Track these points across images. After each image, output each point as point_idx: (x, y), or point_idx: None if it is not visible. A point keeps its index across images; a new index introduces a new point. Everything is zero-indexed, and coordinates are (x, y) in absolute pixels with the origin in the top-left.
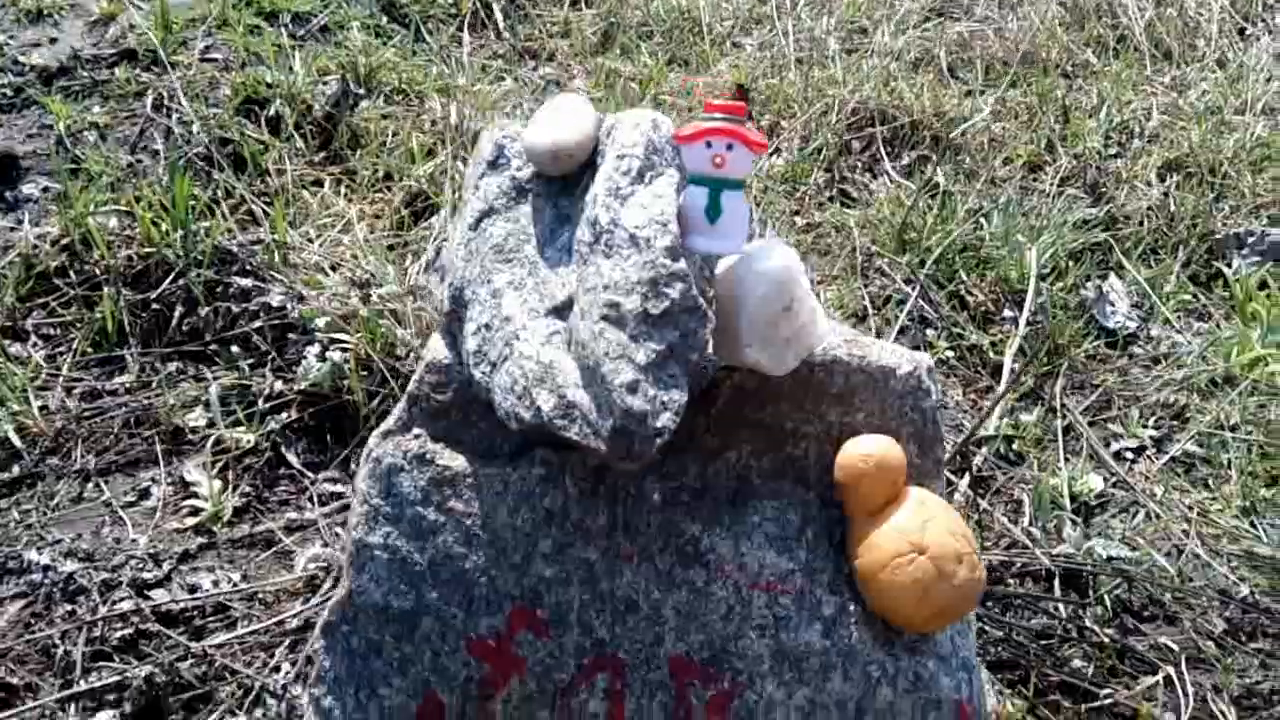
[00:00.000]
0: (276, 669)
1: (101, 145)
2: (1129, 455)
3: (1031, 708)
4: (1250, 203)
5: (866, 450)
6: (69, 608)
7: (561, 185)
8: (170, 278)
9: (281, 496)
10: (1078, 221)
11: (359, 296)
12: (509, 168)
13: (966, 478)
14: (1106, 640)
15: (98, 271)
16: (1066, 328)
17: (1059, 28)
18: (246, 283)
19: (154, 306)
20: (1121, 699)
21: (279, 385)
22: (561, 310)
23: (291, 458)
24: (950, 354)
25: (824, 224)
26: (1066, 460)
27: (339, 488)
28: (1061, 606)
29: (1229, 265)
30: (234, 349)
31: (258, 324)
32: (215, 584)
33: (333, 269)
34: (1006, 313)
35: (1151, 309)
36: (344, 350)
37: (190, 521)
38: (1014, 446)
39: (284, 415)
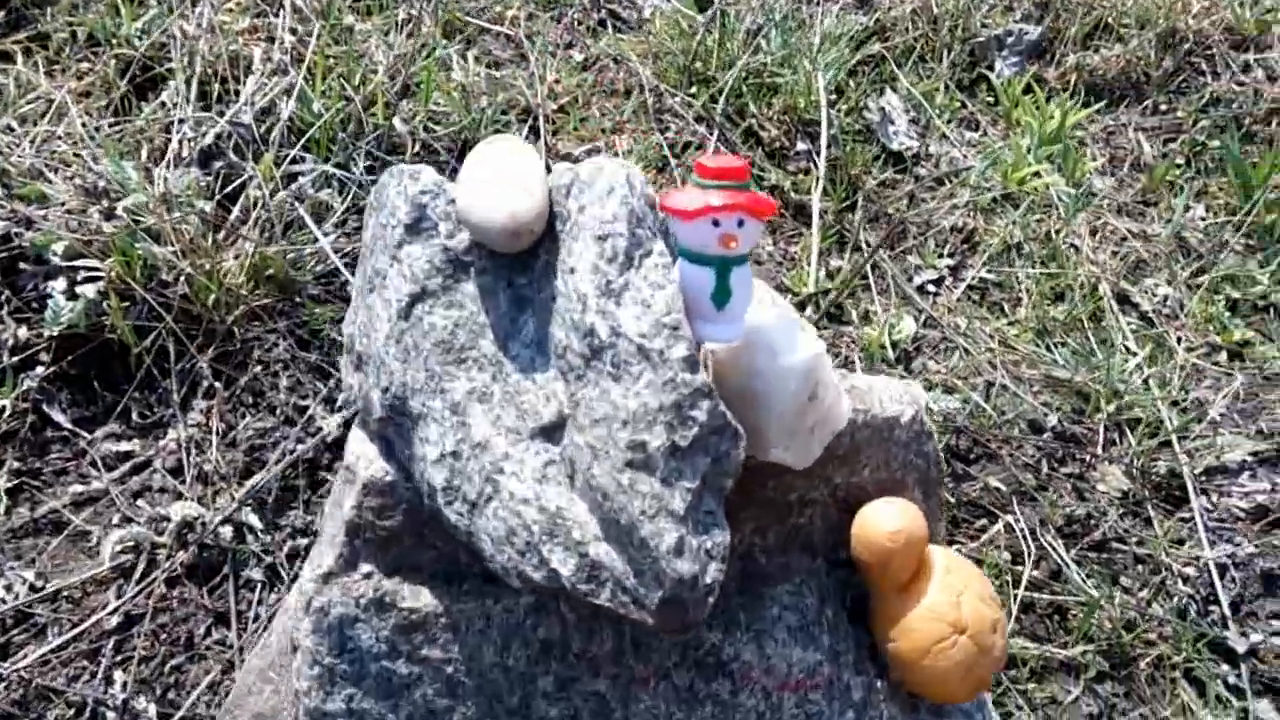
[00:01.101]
0: (108, 679)
1: None
2: (931, 288)
3: None
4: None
5: (893, 527)
6: None
7: (511, 258)
8: None
9: (57, 466)
10: (851, 33)
11: (100, 211)
12: (437, 234)
13: None
14: (948, 495)
15: None
16: (858, 156)
17: None
18: None
19: None
20: (968, 550)
21: (23, 332)
22: (551, 432)
23: (58, 416)
24: None
25: (602, 57)
26: (879, 302)
27: (125, 445)
28: None
29: (991, 69)
30: None
31: None
32: (9, 589)
33: (53, 171)
34: (800, 145)
35: (927, 124)
36: (96, 281)
37: None
38: (830, 297)
39: (38, 369)
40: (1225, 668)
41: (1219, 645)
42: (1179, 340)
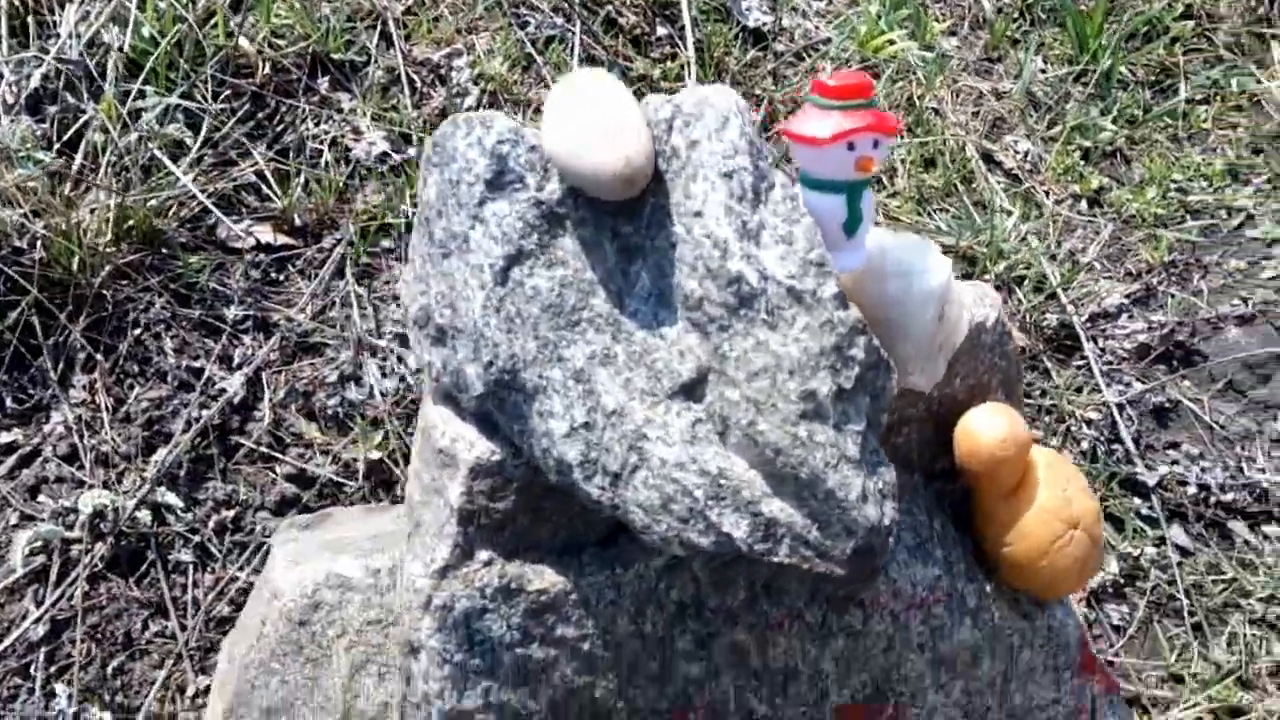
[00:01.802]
0: (49, 694)
1: None
2: None
3: None
4: None
5: (1002, 435)
6: None
7: (613, 205)
8: None
9: None
10: None
11: None
12: (525, 187)
13: None
14: None
15: None
16: (719, 37)
17: None
18: None
19: None
20: None
21: None
22: (692, 389)
23: None
24: None
25: None
26: None
27: (6, 436)
28: None
29: None
30: None
31: None
32: None
33: None
34: (661, 30)
35: None
36: None
37: None
38: None
39: None
40: (1137, 501)
41: (1129, 481)
42: (1047, 194)
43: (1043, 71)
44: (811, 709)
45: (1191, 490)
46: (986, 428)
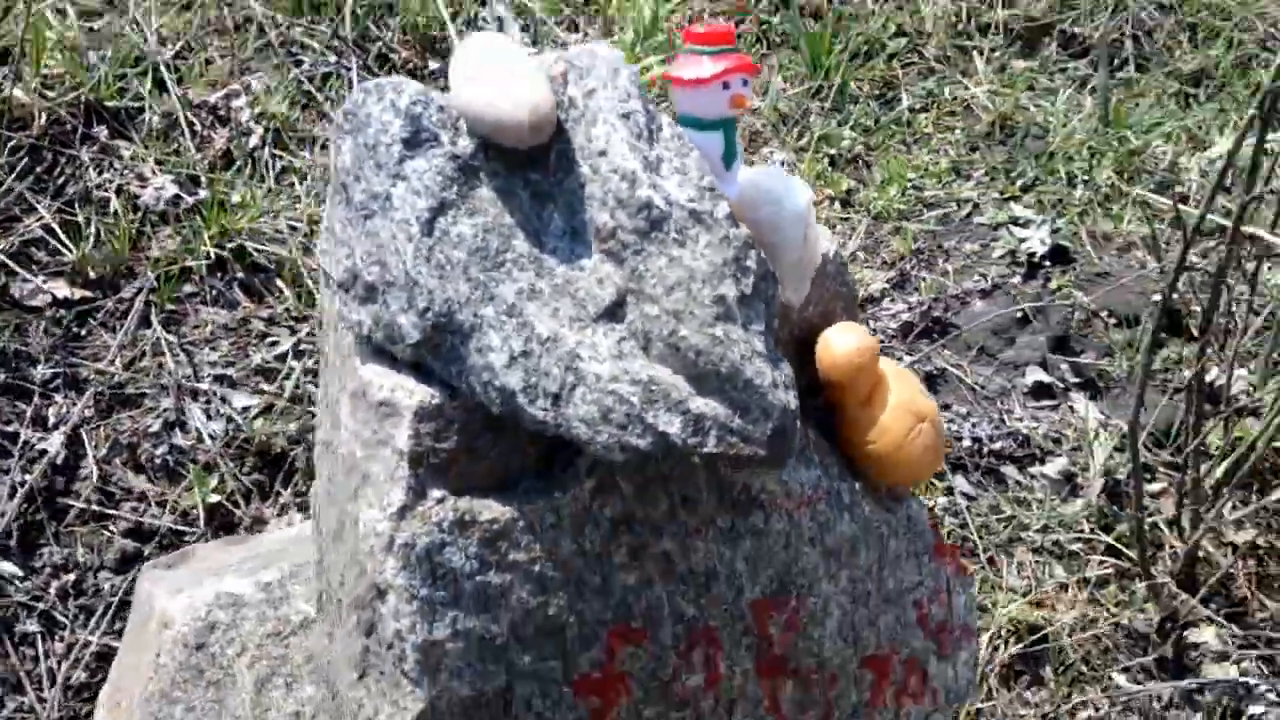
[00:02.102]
0: None
1: None
2: None
3: None
4: None
5: (857, 346)
6: None
7: (522, 155)
8: None
9: None
10: None
11: None
12: (439, 145)
13: None
14: None
15: None
16: None
17: None
18: None
19: None
20: None
21: None
22: (614, 311)
23: None
24: None
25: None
26: None
27: None
28: None
29: None
30: None
31: None
32: None
33: None
34: (433, 64)
35: (536, 31)
36: None
37: None
38: None
39: None
40: None
41: None
42: None
43: (784, 90)
44: (731, 606)
45: (967, 444)
46: (843, 341)
